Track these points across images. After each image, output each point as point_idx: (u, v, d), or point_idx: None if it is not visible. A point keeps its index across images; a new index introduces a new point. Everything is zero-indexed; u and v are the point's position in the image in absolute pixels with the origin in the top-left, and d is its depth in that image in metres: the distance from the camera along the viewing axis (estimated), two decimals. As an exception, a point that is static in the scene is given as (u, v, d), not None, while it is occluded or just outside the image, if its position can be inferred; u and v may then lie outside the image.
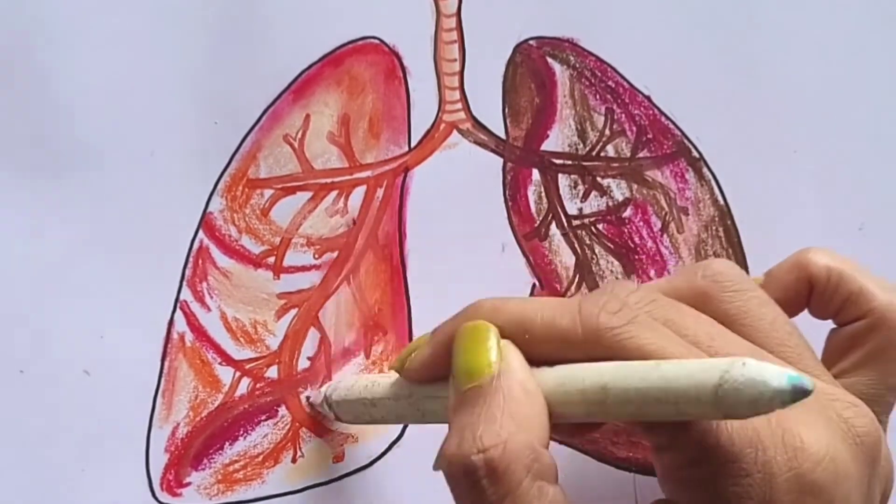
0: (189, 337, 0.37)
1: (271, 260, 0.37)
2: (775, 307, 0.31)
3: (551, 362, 0.30)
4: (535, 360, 0.30)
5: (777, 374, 0.25)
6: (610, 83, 0.39)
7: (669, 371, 0.27)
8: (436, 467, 0.29)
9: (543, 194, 0.39)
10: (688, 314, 0.30)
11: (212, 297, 0.37)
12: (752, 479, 0.27)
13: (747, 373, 0.25)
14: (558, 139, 0.39)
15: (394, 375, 0.33)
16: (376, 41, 0.37)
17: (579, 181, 0.39)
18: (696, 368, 0.26)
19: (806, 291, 0.33)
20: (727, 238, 0.40)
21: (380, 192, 0.38)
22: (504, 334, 0.30)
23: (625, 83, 0.39)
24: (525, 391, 0.29)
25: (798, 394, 0.25)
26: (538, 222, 0.39)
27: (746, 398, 0.25)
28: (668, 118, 0.39)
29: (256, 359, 0.38)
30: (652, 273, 0.39)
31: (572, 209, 0.40)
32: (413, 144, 0.38)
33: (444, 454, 0.29)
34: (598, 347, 0.29)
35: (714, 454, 0.27)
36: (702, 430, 0.27)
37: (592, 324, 0.29)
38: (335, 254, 0.38)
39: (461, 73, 0.38)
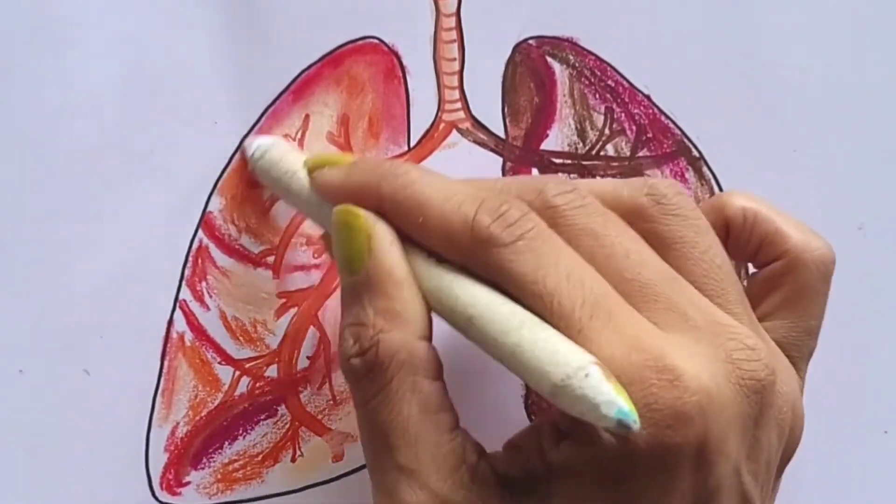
0: (188, 336, 0.37)
1: (271, 259, 0.38)
2: (712, 239, 0.31)
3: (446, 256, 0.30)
4: (428, 247, 0.30)
5: (608, 402, 0.25)
6: (609, 82, 0.39)
7: (526, 342, 0.27)
8: None
9: (543, 194, 0.39)
10: (612, 226, 0.30)
11: (211, 297, 0.37)
12: None
13: (585, 387, 0.25)
14: (558, 138, 0.39)
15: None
16: (375, 41, 0.37)
17: (579, 180, 0.39)
18: (546, 354, 0.26)
19: (723, 234, 0.33)
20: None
21: (379, 192, 0.38)
22: (405, 213, 0.30)
23: (624, 82, 0.39)
24: (396, 284, 0.29)
25: (622, 428, 0.25)
26: (538, 222, 0.39)
27: (576, 407, 0.26)
28: (667, 117, 0.39)
29: (256, 358, 0.38)
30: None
31: (572, 208, 0.39)
32: (412, 144, 0.38)
33: (339, 355, 0.30)
34: (480, 261, 0.29)
35: None
36: None
37: (482, 234, 0.29)
38: (335, 253, 0.38)
39: (461, 72, 0.38)
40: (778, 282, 0.33)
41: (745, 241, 0.33)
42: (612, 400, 0.25)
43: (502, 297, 0.28)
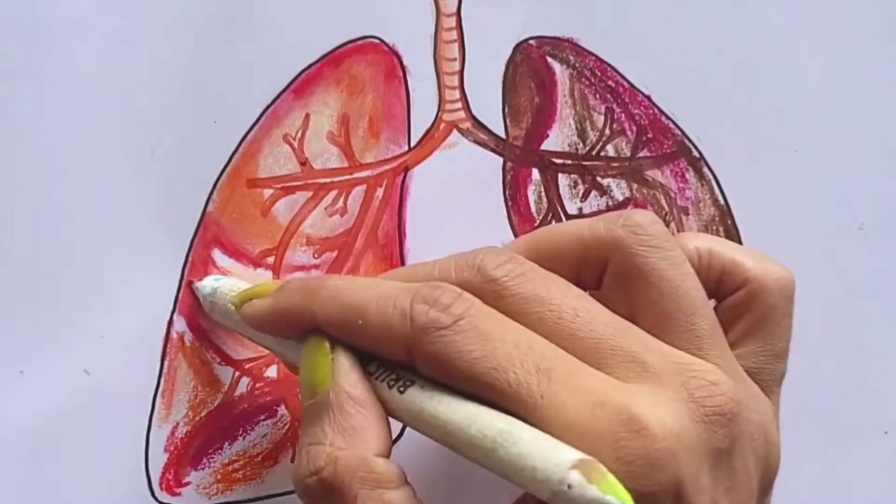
0: (188, 337, 0.37)
1: (271, 260, 0.38)
2: (687, 270, 0.31)
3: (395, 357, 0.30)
4: (373, 350, 0.30)
5: (599, 503, 0.25)
6: (610, 83, 0.39)
7: (504, 463, 0.27)
8: None
9: (543, 194, 0.39)
10: (556, 288, 0.30)
11: (211, 297, 0.37)
12: None
13: (573, 498, 0.25)
14: (558, 139, 0.39)
15: None
16: (376, 41, 0.37)
17: (579, 181, 0.39)
18: (528, 472, 0.26)
19: None
20: (727, 238, 0.40)
21: (379, 192, 0.38)
22: (341, 321, 0.30)
23: (625, 83, 0.39)
24: (354, 403, 0.29)
25: None
26: (538, 222, 0.39)
27: None
28: (668, 118, 0.39)
29: (256, 358, 0.38)
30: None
31: (572, 209, 0.40)
32: (413, 144, 0.38)
33: (292, 476, 0.30)
34: (425, 351, 0.28)
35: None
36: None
37: (421, 322, 0.29)
38: (335, 253, 0.38)
39: (461, 72, 0.38)
40: (742, 310, 0.33)
41: (705, 279, 0.33)
42: (602, 500, 0.25)
43: (466, 405, 0.28)
